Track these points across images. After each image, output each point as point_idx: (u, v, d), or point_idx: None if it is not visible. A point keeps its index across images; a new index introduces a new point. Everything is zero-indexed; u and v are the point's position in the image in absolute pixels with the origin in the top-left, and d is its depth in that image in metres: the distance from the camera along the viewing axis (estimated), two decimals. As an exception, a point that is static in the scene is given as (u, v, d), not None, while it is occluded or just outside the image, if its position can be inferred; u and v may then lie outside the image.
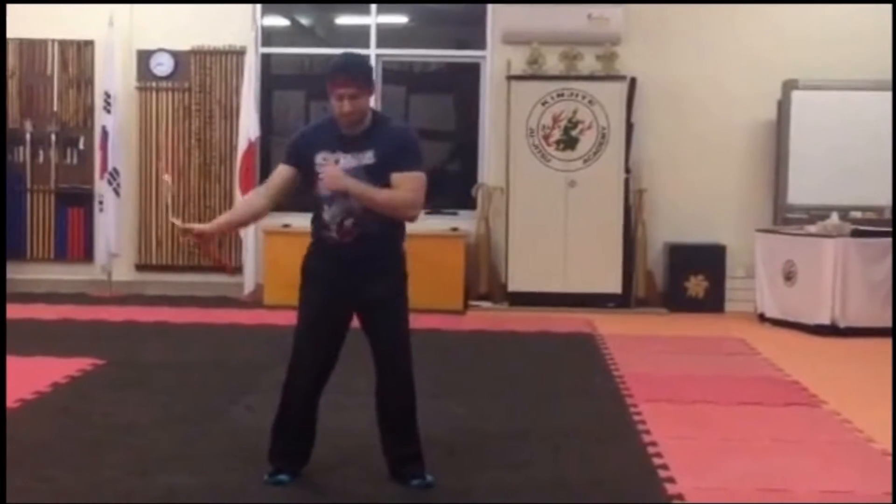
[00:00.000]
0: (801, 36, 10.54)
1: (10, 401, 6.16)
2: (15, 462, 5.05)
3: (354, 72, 4.54)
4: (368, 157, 4.56)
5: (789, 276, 9.66)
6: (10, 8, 10.77)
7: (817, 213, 9.83)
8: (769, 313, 9.89)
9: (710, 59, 10.71)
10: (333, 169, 4.54)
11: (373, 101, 4.77)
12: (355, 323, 4.80)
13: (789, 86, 10.26)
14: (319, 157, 4.59)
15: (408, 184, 4.56)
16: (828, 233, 9.46)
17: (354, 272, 4.61)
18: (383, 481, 4.83)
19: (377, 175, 4.54)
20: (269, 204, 4.78)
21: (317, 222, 4.67)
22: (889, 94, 10.06)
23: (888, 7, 10.31)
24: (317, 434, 4.88)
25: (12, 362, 7.35)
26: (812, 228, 9.66)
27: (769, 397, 6.84)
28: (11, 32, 10.78)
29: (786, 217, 10.27)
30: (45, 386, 6.63)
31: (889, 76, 10.11)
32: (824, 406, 6.61)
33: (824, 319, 9.31)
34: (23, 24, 10.81)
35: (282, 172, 4.71)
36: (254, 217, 5.03)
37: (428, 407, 5.82)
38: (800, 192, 10.26)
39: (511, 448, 5.51)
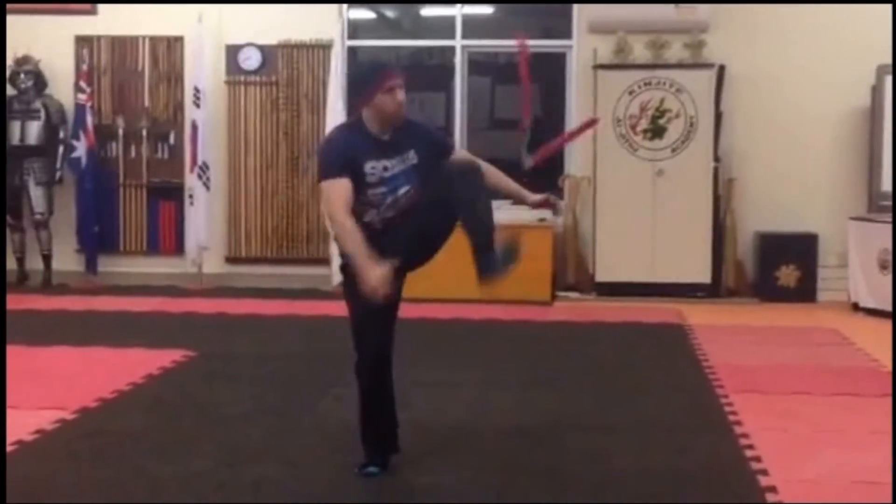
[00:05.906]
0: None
1: (107, 392, 6.31)
2: (108, 452, 5.16)
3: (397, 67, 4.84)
4: (412, 158, 4.64)
5: (884, 265, 9.46)
6: (101, 8, 10.99)
7: (913, 201, 9.63)
8: (863, 303, 9.70)
9: (799, 46, 10.51)
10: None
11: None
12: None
13: (883, 71, 10.04)
14: (368, 167, 4.56)
15: (464, 152, 5.06)
16: (924, 220, 9.27)
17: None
18: (473, 475, 4.83)
19: (423, 172, 4.63)
20: None
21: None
22: None
23: None
24: (396, 417, 4.92)
25: (109, 354, 7.54)
26: (907, 216, 9.47)
27: (864, 388, 6.71)
28: (105, 31, 11.02)
29: (880, 205, 10.05)
30: (140, 377, 6.75)
31: None
32: (921, 397, 6.48)
33: (920, 309, 9.13)
34: (114, 22, 11.03)
35: (347, 186, 4.49)
36: None
37: (515, 398, 5.83)
38: (895, 180, 10.05)
39: (598, 439, 5.47)
